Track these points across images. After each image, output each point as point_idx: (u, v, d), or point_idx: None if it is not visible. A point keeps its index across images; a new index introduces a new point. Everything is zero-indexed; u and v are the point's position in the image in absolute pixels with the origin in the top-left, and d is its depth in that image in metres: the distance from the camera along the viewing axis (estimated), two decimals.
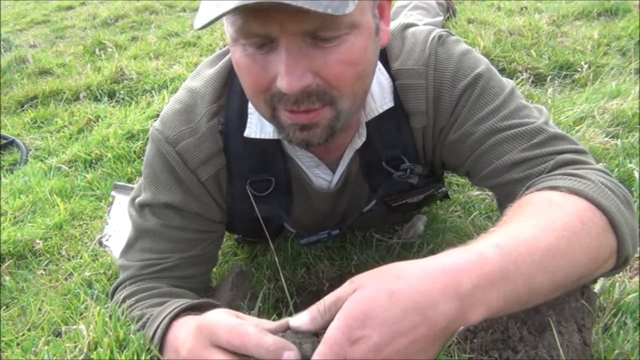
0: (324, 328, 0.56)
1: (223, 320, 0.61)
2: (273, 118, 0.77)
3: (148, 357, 0.74)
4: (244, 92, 0.81)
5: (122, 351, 0.75)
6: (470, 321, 0.57)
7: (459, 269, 0.57)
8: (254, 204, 0.92)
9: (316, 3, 0.60)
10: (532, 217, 0.67)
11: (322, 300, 0.58)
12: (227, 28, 0.72)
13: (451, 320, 0.56)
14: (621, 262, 0.72)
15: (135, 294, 0.89)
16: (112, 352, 0.74)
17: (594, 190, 0.71)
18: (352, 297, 0.55)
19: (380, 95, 0.88)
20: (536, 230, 0.64)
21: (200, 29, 0.67)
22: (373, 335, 0.53)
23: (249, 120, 0.89)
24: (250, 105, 0.88)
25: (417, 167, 0.93)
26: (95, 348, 0.76)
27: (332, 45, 0.68)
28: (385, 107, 0.88)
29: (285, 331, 0.59)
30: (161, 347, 0.75)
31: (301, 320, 0.58)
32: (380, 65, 0.87)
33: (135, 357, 0.74)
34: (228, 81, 0.92)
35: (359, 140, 0.90)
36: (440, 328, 0.55)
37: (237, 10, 0.63)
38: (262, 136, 0.88)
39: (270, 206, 0.95)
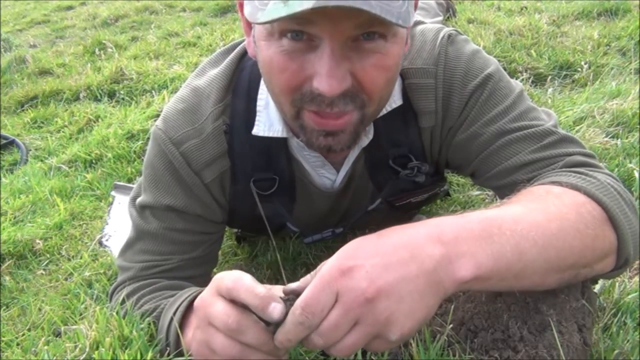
0: None
1: (232, 272, 0.63)
2: (296, 119, 0.75)
3: (152, 355, 0.74)
4: (268, 87, 0.79)
5: (125, 350, 0.75)
6: (460, 273, 0.57)
7: (439, 222, 0.60)
8: (258, 203, 0.92)
9: (391, 13, 0.61)
10: (526, 202, 0.68)
11: None
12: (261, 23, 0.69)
13: (439, 265, 0.56)
14: (622, 262, 0.72)
15: (138, 289, 0.89)
16: (114, 352, 0.74)
17: (597, 188, 0.71)
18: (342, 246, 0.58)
19: None
20: (527, 209, 0.65)
21: (265, 23, 0.64)
22: (365, 264, 0.55)
23: (257, 118, 0.88)
24: (258, 103, 0.88)
25: (424, 165, 0.93)
26: (97, 347, 0.76)
27: (370, 49, 0.68)
28: (394, 106, 0.88)
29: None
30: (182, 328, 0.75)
31: (294, 283, 0.61)
32: None
33: (138, 356, 0.74)
34: (233, 80, 0.91)
35: (366, 138, 0.89)
36: (429, 270, 0.56)
37: (313, 10, 0.60)
38: (271, 134, 0.88)
39: (272, 205, 0.95)
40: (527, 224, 0.62)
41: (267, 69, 0.74)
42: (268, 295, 0.57)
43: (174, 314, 0.76)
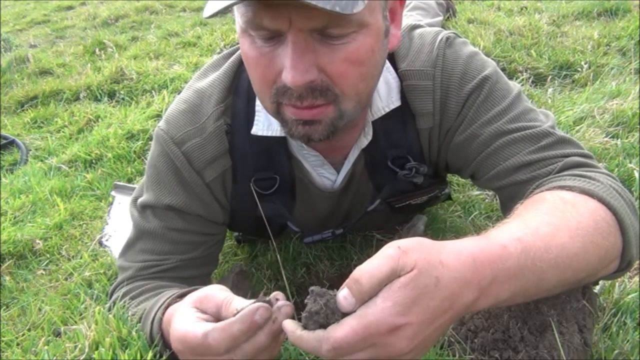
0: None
1: (212, 292, 0.64)
2: (277, 114, 0.77)
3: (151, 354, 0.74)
4: (252, 85, 0.81)
5: (125, 350, 0.74)
6: (476, 309, 0.59)
7: (484, 261, 0.58)
8: (257, 202, 0.92)
9: (323, 1, 0.60)
10: (546, 214, 0.67)
11: (366, 272, 0.54)
12: (237, 18, 0.72)
13: (467, 308, 0.57)
14: (624, 265, 0.72)
15: (130, 292, 0.89)
16: (114, 352, 0.74)
17: (604, 192, 0.71)
18: (408, 277, 0.53)
19: (387, 94, 0.88)
20: (552, 228, 0.65)
21: (210, 17, 0.66)
22: (414, 324, 0.53)
23: (256, 117, 0.89)
24: (257, 103, 0.89)
25: (422, 166, 0.93)
26: (97, 348, 0.75)
27: (339, 42, 0.68)
28: (392, 107, 0.88)
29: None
30: (163, 339, 0.75)
31: (349, 303, 0.54)
32: (388, 65, 0.87)
33: (138, 356, 0.73)
34: (234, 81, 0.92)
35: (365, 140, 0.90)
36: (457, 315, 0.57)
37: (247, 2, 0.63)
38: (269, 133, 0.89)
39: (273, 205, 0.95)
40: (555, 249, 0.63)
41: (246, 64, 0.77)
42: (244, 330, 0.57)
43: (152, 324, 0.76)
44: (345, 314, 0.55)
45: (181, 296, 0.78)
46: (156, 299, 0.81)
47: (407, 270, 0.53)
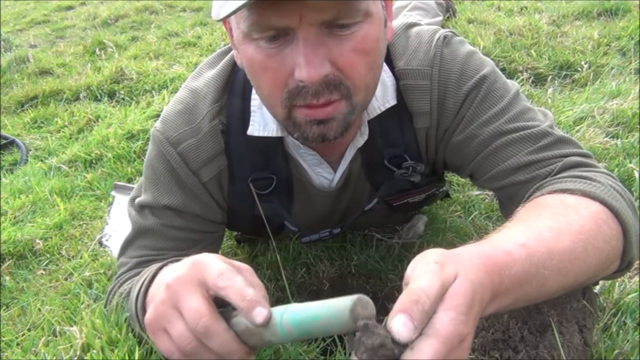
0: None
1: (218, 263, 0.60)
2: (289, 119, 0.76)
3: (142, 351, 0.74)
4: (257, 91, 0.80)
5: (114, 351, 0.74)
6: (482, 316, 0.58)
7: (493, 267, 0.58)
8: (257, 201, 0.92)
9: None
10: (548, 219, 0.67)
11: (422, 292, 0.51)
12: (238, 25, 0.71)
13: (482, 312, 0.57)
14: (624, 265, 0.72)
15: (123, 277, 0.89)
16: (104, 354, 0.74)
17: (605, 193, 0.71)
18: (458, 286, 0.52)
19: (382, 93, 0.88)
20: (555, 233, 0.65)
21: (223, 19, 0.66)
22: (471, 332, 0.53)
23: (251, 118, 0.89)
24: (252, 103, 0.89)
25: (419, 165, 0.93)
26: (88, 350, 0.75)
27: (348, 32, 0.69)
28: (388, 105, 0.88)
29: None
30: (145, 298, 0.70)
31: (409, 329, 0.49)
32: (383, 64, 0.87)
33: (127, 357, 0.73)
34: (229, 80, 0.92)
35: (361, 139, 0.90)
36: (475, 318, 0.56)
37: (255, 3, 0.63)
38: (265, 134, 0.88)
39: (271, 204, 0.95)
40: (558, 254, 0.63)
41: (251, 71, 0.76)
42: (255, 300, 0.54)
43: (141, 286, 0.72)
44: (401, 345, 0.50)
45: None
46: (147, 269, 0.78)
47: (452, 282, 0.53)
